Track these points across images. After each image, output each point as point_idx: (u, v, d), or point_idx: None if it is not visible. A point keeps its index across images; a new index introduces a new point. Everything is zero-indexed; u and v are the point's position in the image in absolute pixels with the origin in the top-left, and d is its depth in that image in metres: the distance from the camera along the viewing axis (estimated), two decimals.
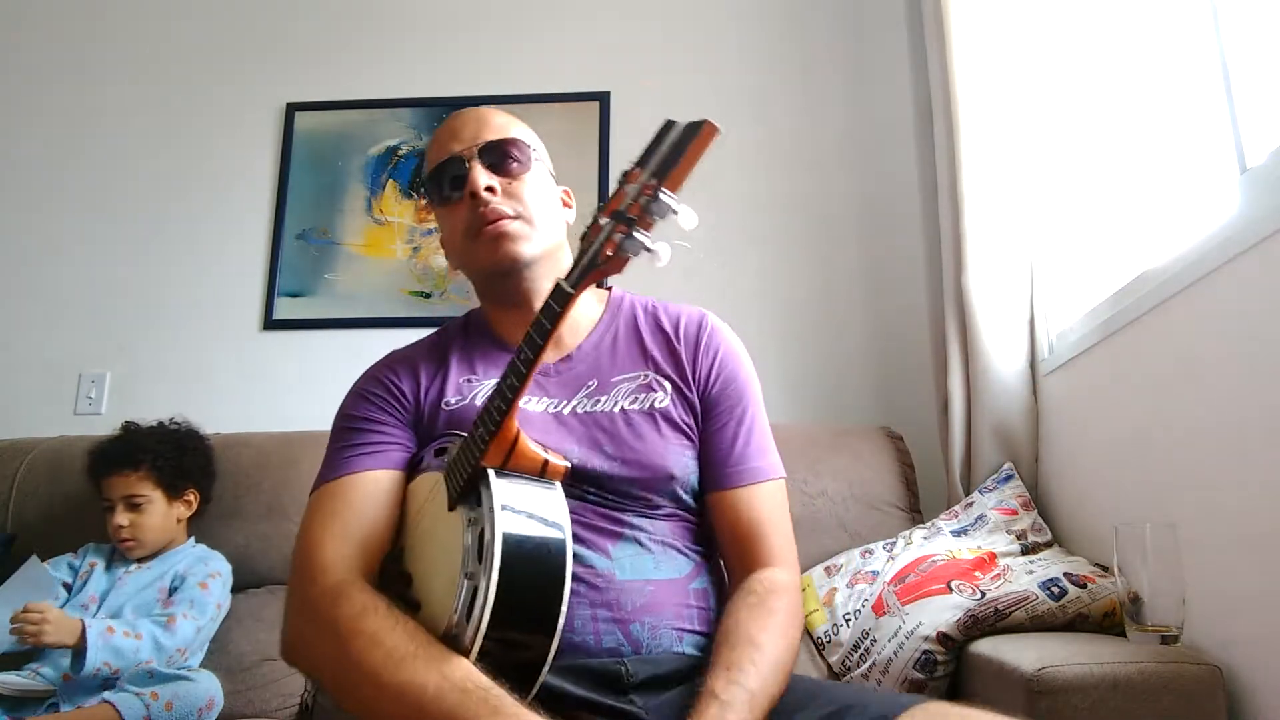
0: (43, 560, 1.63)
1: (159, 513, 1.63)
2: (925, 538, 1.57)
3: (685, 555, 1.00)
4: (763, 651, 0.88)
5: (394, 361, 1.11)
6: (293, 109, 2.45)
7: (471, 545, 0.82)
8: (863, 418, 2.06)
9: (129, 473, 1.61)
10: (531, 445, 0.87)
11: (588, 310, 1.12)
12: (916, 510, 1.81)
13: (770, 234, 2.27)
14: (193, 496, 1.70)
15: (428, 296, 2.31)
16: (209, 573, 1.61)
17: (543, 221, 1.07)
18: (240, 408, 2.20)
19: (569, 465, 0.89)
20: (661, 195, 0.75)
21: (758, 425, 1.07)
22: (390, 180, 2.40)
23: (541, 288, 1.06)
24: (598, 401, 1.03)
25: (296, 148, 2.42)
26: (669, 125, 0.78)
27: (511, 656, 0.80)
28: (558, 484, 0.88)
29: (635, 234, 0.77)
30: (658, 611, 0.93)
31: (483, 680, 0.76)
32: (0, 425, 2.13)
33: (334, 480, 0.98)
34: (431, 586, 0.89)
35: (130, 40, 2.56)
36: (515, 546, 0.80)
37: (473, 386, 1.05)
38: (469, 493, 0.86)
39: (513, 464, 0.86)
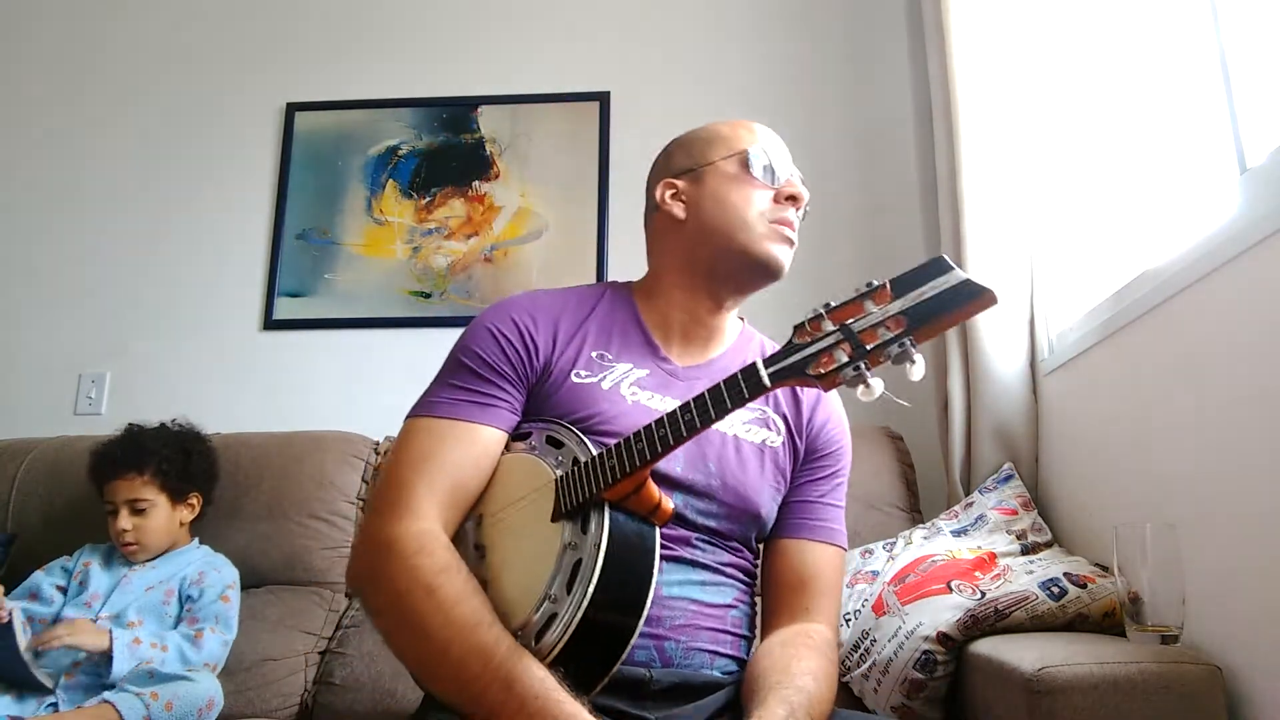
0: (38, 566, 1.62)
1: (163, 516, 1.62)
2: (925, 538, 1.57)
3: (731, 584, 1.00)
4: (821, 689, 0.90)
5: (535, 307, 1.06)
6: (293, 109, 2.45)
7: (565, 571, 0.82)
8: (863, 418, 2.06)
9: (133, 477, 1.60)
10: (654, 488, 0.86)
11: (733, 330, 1.13)
12: (916, 510, 1.81)
13: None
14: (196, 500, 1.69)
15: (427, 296, 2.31)
16: (226, 584, 1.60)
17: None
18: (240, 408, 2.20)
19: (674, 509, 0.89)
20: (906, 342, 0.70)
21: (843, 495, 1.10)
22: (390, 180, 2.40)
23: (743, 298, 1.10)
24: None
25: (296, 148, 2.42)
26: (942, 266, 0.70)
27: (568, 674, 0.80)
28: (658, 529, 0.88)
29: (861, 366, 0.71)
30: (695, 633, 0.94)
31: (542, 668, 0.79)
32: (0, 425, 2.13)
33: (440, 419, 0.96)
34: (506, 578, 0.89)
35: (130, 41, 2.56)
36: (604, 589, 0.80)
37: (604, 366, 1.02)
38: (577, 513, 0.85)
39: (631, 502, 0.86)
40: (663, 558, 0.94)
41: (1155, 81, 1.46)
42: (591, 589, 0.79)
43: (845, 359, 0.72)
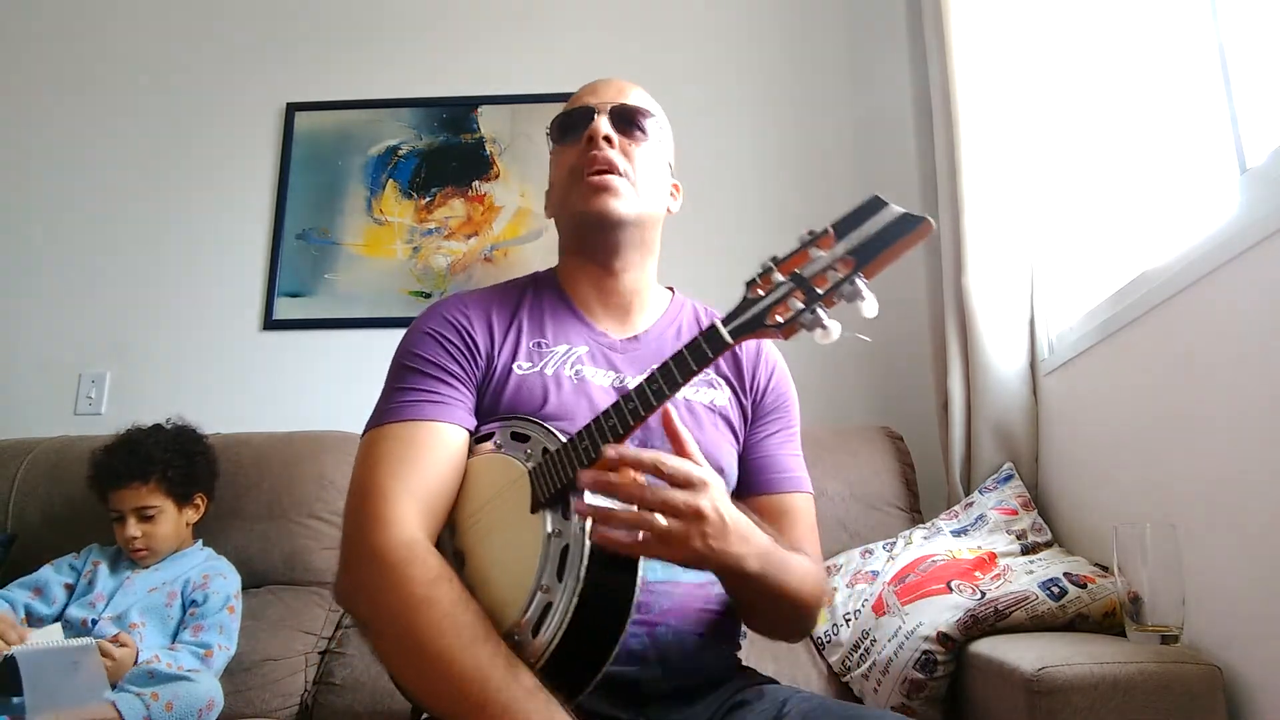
0: (45, 561, 1.62)
1: (171, 521, 1.62)
2: (925, 538, 1.57)
3: None
4: (804, 554, 0.94)
5: (466, 305, 1.06)
6: (293, 109, 2.45)
7: (553, 559, 0.81)
8: (863, 418, 2.06)
9: (138, 485, 1.59)
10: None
11: (658, 297, 1.14)
12: (916, 510, 1.81)
13: (770, 234, 2.26)
14: (201, 500, 1.69)
15: (428, 296, 2.31)
16: (230, 593, 1.60)
17: (645, 189, 1.06)
18: (240, 408, 2.20)
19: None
20: (857, 280, 0.72)
21: (799, 445, 1.12)
22: (390, 180, 2.40)
23: (625, 254, 1.07)
24: None
25: (296, 148, 2.42)
26: (878, 204, 0.73)
27: (564, 669, 0.79)
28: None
29: (816, 309, 0.73)
30: (683, 615, 0.93)
31: (540, 686, 0.76)
32: (0, 425, 2.13)
33: (400, 423, 0.94)
34: (493, 578, 0.87)
35: (130, 41, 2.56)
36: (597, 571, 0.79)
37: (543, 353, 1.02)
38: (557, 500, 0.84)
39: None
40: None
41: (1155, 81, 1.46)
42: (584, 571, 0.78)
43: (800, 305, 0.74)
